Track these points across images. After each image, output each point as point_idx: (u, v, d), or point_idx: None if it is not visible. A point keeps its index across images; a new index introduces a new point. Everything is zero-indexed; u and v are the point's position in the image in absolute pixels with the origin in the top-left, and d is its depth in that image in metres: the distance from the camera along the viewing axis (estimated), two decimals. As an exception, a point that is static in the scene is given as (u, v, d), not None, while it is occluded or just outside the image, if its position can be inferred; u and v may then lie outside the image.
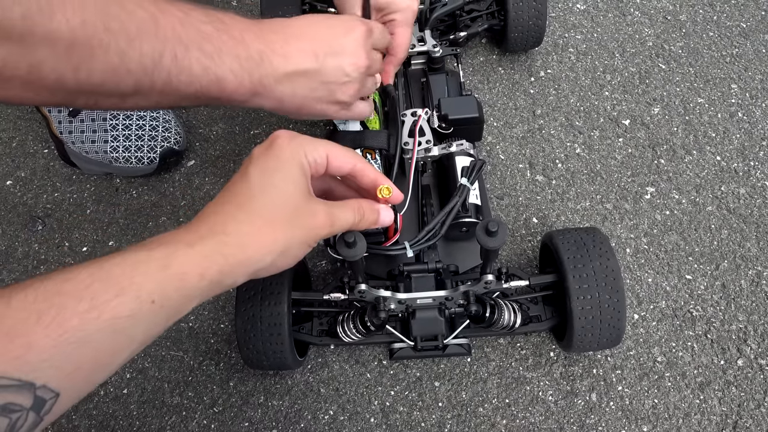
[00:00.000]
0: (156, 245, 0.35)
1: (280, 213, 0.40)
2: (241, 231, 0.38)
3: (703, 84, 0.79)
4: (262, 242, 0.39)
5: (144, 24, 0.40)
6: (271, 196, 0.40)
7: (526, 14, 0.73)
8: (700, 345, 0.62)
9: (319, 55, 0.49)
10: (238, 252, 0.38)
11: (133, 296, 0.32)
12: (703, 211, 0.70)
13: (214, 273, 0.36)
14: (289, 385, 0.62)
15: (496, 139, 0.76)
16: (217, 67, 0.44)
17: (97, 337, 0.31)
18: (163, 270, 0.34)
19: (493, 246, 0.46)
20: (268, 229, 0.39)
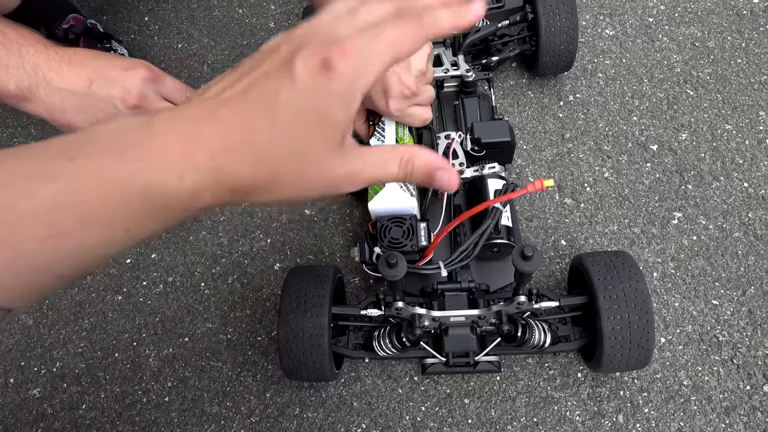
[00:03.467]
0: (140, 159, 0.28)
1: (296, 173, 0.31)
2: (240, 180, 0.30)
3: (731, 111, 0.80)
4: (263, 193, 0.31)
5: None
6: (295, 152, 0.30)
7: (557, 39, 0.75)
8: (726, 370, 0.64)
9: (92, 82, 0.55)
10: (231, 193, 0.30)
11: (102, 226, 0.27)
12: (729, 237, 0.71)
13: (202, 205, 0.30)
14: (324, 398, 0.64)
15: (526, 162, 0.78)
16: None
17: (57, 262, 0.27)
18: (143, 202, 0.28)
19: (528, 270, 0.48)
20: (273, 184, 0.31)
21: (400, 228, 0.62)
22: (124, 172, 0.27)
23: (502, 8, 0.84)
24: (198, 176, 0.28)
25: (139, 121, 0.29)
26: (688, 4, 0.91)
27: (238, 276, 0.73)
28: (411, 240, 0.61)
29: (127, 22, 0.96)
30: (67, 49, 0.56)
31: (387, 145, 0.39)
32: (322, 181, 0.32)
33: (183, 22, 0.96)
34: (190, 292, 0.72)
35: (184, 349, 0.68)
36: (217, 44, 0.93)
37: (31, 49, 0.54)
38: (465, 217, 0.58)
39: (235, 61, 0.91)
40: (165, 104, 0.59)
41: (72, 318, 0.72)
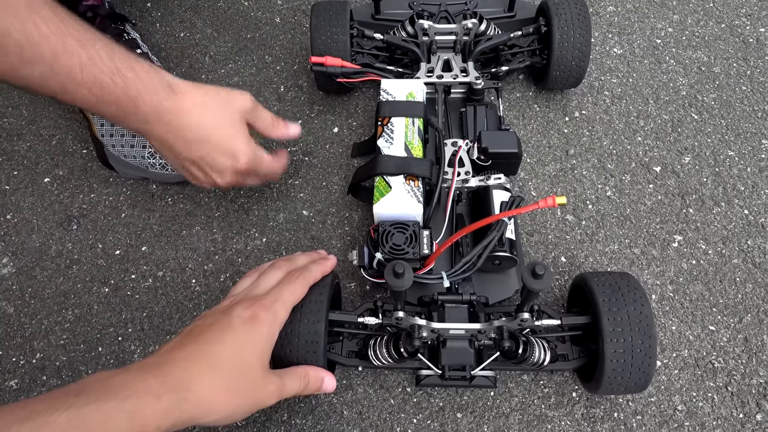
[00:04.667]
0: (128, 395, 0.40)
1: (241, 385, 0.47)
2: (203, 394, 0.44)
3: (734, 137, 0.81)
4: (217, 406, 0.45)
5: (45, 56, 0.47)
6: (240, 370, 0.47)
7: (570, 54, 0.75)
8: (720, 397, 0.63)
9: (194, 152, 0.60)
10: (193, 410, 0.43)
11: None
12: (728, 263, 0.71)
13: (168, 424, 0.42)
14: (313, 405, 0.63)
15: (529, 176, 0.77)
16: (102, 107, 0.53)
17: None
18: (129, 422, 0.39)
19: (538, 288, 0.47)
20: (225, 397, 0.46)
21: (403, 234, 0.61)
22: (116, 401, 0.39)
23: (513, 18, 0.83)
24: (170, 396, 0.42)
25: (121, 371, 0.43)
26: (696, 29, 0.91)
27: (230, 274, 0.71)
28: (413, 247, 0.60)
29: (129, 7, 0.94)
30: (181, 107, 0.57)
31: (294, 368, 0.54)
32: (258, 393, 0.49)
33: (186, 11, 0.94)
34: (180, 288, 0.70)
35: (172, 346, 0.66)
36: (221, 35, 0.91)
37: (147, 97, 0.54)
38: (472, 229, 0.57)
39: (238, 54, 0.89)
40: (254, 181, 0.68)
41: (55, 308, 0.69)
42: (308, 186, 0.77)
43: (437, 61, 0.78)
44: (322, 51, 0.75)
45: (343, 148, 0.80)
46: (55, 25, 0.47)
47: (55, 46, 0.47)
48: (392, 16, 0.83)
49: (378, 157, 0.64)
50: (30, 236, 0.74)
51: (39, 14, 0.46)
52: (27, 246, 0.73)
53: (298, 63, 0.88)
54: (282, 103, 0.84)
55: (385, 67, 0.79)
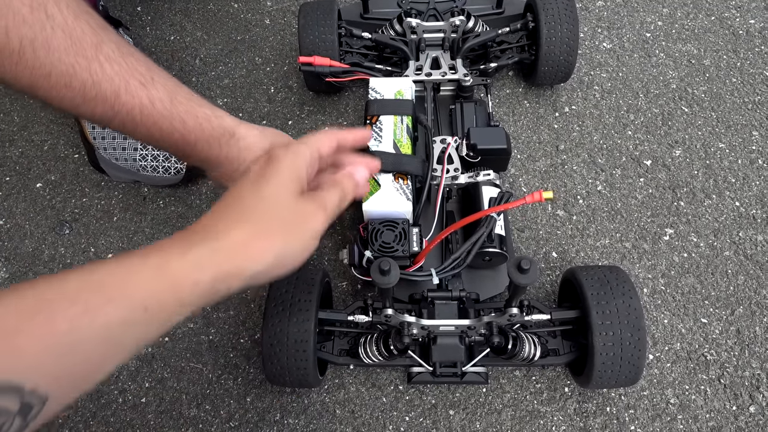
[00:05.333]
0: (150, 252, 0.35)
1: (274, 221, 0.41)
2: (232, 239, 0.38)
3: (725, 129, 0.80)
4: (255, 250, 0.39)
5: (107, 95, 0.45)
6: (265, 205, 0.41)
7: (558, 49, 0.75)
8: (713, 389, 0.63)
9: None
10: (230, 260, 0.38)
11: (125, 303, 0.32)
12: (720, 255, 0.71)
13: (208, 280, 0.36)
14: (306, 404, 0.63)
15: (519, 172, 0.77)
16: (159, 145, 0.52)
17: (88, 343, 0.30)
18: (156, 278, 0.34)
19: (524, 283, 0.47)
20: (261, 237, 0.40)
21: (392, 232, 0.61)
22: (138, 255, 0.34)
23: (502, 14, 0.83)
24: (198, 249, 0.37)
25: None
26: (686, 22, 0.91)
27: (222, 275, 0.71)
28: (402, 245, 0.60)
29: (119, 11, 0.94)
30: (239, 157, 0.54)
31: (326, 181, 0.49)
32: (300, 224, 0.43)
33: (176, 14, 0.94)
34: (173, 290, 0.70)
35: (164, 348, 0.66)
36: (211, 38, 0.91)
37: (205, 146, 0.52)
38: (460, 225, 0.57)
39: (228, 57, 0.89)
40: None
41: (48, 312, 0.69)
42: (299, 186, 0.77)
43: (426, 59, 0.78)
44: (310, 51, 0.75)
45: (333, 147, 0.80)
46: (118, 65, 0.46)
47: (118, 87, 0.46)
48: (381, 15, 0.83)
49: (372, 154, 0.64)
50: (23, 241, 0.74)
51: (104, 53, 0.45)
52: (20, 251, 0.73)
53: (288, 64, 0.88)
54: (272, 104, 0.84)
55: (374, 66, 0.79)
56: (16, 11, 0.41)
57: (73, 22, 0.44)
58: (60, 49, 0.43)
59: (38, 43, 0.42)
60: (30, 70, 0.43)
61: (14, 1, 0.41)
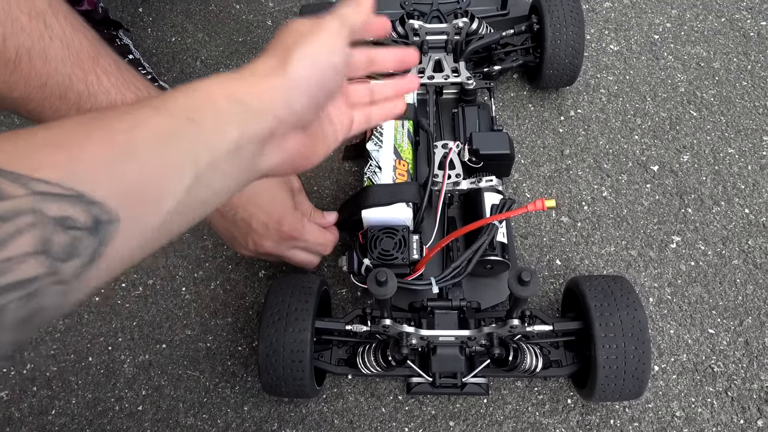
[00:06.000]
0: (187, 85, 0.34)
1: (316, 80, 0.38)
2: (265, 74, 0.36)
3: (734, 134, 0.79)
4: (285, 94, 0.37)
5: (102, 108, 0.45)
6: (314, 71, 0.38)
7: (563, 51, 0.73)
8: (720, 402, 0.62)
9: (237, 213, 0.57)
10: (258, 86, 0.36)
11: (168, 113, 0.32)
12: (728, 264, 0.69)
13: (242, 94, 0.35)
14: (303, 414, 0.62)
15: (523, 177, 0.76)
16: None
17: (144, 152, 0.30)
18: (193, 91, 0.34)
19: (524, 295, 0.46)
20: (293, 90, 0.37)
21: (392, 239, 0.60)
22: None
23: (506, 16, 0.82)
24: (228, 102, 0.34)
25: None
26: (695, 23, 0.89)
27: (221, 282, 0.70)
28: (402, 253, 0.59)
29: (121, 12, 0.93)
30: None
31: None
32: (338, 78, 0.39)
33: (178, 15, 0.93)
34: (171, 296, 0.69)
35: (161, 356, 0.66)
36: (212, 39, 0.90)
37: None
38: (460, 233, 0.56)
39: (230, 58, 0.88)
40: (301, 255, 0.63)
41: (45, 317, 0.69)
42: (299, 191, 0.76)
43: (428, 62, 0.77)
44: (310, 54, 0.74)
45: (333, 152, 0.79)
46: (115, 78, 0.46)
47: (115, 99, 0.46)
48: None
49: (366, 190, 0.62)
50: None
51: (101, 66, 0.45)
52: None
53: (290, 66, 0.87)
54: (273, 107, 0.83)
55: (376, 69, 0.77)
56: (15, 19, 0.40)
57: (71, 33, 0.44)
58: (57, 59, 0.43)
59: (35, 52, 0.42)
60: (25, 80, 0.42)
61: (13, 8, 0.40)
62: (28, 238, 0.24)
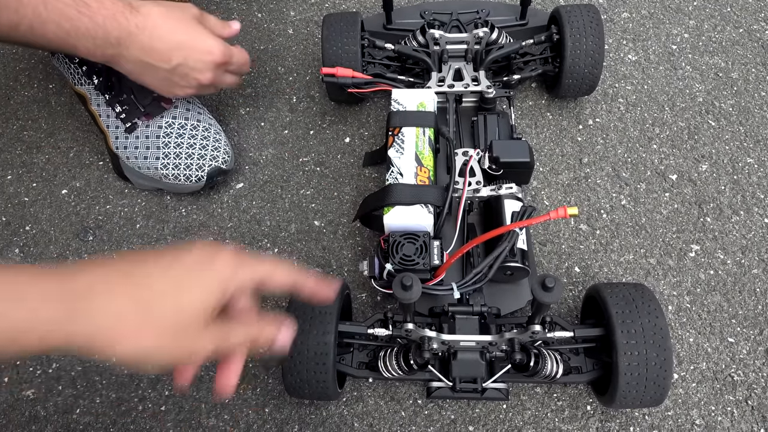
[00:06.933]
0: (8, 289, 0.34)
1: (169, 331, 0.37)
2: (107, 316, 0.35)
3: (753, 144, 0.79)
4: (124, 338, 0.36)
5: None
6: (173, 316, 0.37)
7: (582, 62, 0.74)
8: (740, 411, 0.62)
9: (174, 62, 0.63)
10: (90, 333, 0.35)
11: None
12: (748, 273, 0.69)
13: (56, 341, 0.34)
14: (324, 417, 0.62)
15: (542, 185, 0.77)
16: (73, 41, 0.58)
17: None
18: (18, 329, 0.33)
19: (547, 301, 0.47)
20: (138, 332, 0.36)
21: (413, 245, 0.60)
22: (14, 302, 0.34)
23: (525, 26, 0.83)
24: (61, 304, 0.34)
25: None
26: (713, 34, 0.90)
27: (243, 285, 0.71)
28: (423, 258, 0.60)
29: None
30: (147, 22, 0.61)
31: (249, 320, 0.44)
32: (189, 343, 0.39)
33: (201, 23, 0.95)
34: (193, 298, 0.70)
35: (184, 357, 0.67)
36: (234, 47, 0.92)
37: (115, 23, 0.59)
38: (482, 240, 0.57)
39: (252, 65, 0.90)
40: (231, 78, 0.71)
41: (71, 318, 0.70)
42: (320, 196, 0.77)
43: (448, 71, 0.78)
44: (333, 62, 0.75)
45: (354, 158, 0.80)
46: None
47: None
48: (403, 26, 0.83)
49: (390, 187, 0.63)
50: (47, 247, 0.75)
51: None
52: (44, 257, 0.74)
53: (311, 74, 0.88)
54: (294, 114, 0.84)
55: (396, 77, 0.79)
56: None
57: None
58: None
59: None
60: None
61: None
62: None
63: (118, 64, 0.64)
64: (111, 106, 0.74)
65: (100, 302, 0.35)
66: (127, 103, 0.73)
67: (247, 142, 0.82)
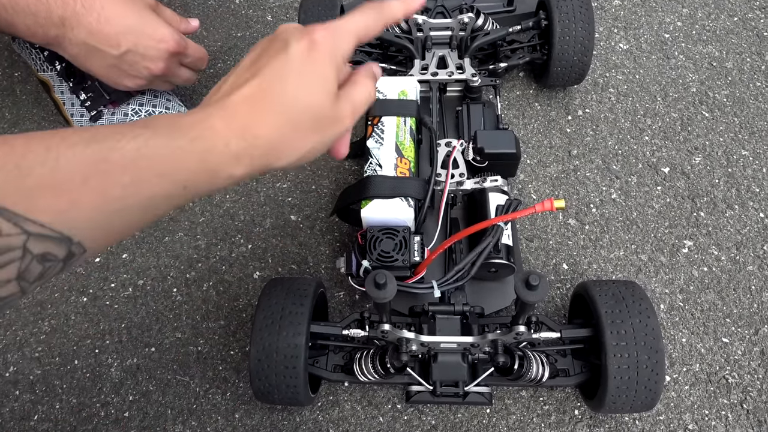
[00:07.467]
0: (195, 134, 0.36)
1: (310, 121, 0.40)
2: (272, 138, 0.39)
3: (748, 136, 0.76)
4: (288, 149, 0.40)
5: None
6: (305, 104, 0.40)
7: (571, 49, 0.70)
8: (735, 415, 0.59)
9: (123, 47, 0.60)
10: (264, 156, 0.39)
11: (170, 180, 0.34)
12: (743, 270, 0.66)
13: (241, 173, 0.38)
14: (297, 423, 0.59)
15: (529, 178, 0.73)
16: (10, 17, 0.55)
17: (132, 209, 0.33)
18: (200, 164, 0.36)
19: (532, 300, 0.43)
20: (296, 138, 0.40)
21: (392, 240, 0.57)
22: (186, 140, 0.35)
23: (512, 12, 0.79)
24: (238, 142, 0.37)
25: (185, 113, 0.37)
26: (707, 22, 0.87)
27: (213, 283, 0.67)
28: (403, 254, 0.56)
29: (116, 5, 0.91)
30: (95, 3, 0.57)
31: (354, 76, 0.44)
32: (333, 125, 0.41)
33: (176, 8, 0.90)
34: (161, 297, 0.67)
35: (150, 359, 0.63)
36: (210, 34, 0.88)
37: (59, 0, 0.56)
38: (464, 235, 0.53)
39: (228, 54, 0.86)
40: (187, 73, 0.68)
41: (31, 319, 0.66)
42: (296, 190, 0.73)
43: (432, 58, 0.74)
44: (310, 48, 0.72)
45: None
46: None
47: None
48: (386, 12, 0.80)
49: (369, 179, 0.60)
50: (8, 243, 0.71)
51: None
52: (4, 253, 0.70)
53: (289, 62, 0.84)
54: (271, 104, 0.80)
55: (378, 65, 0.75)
56: None
57: None
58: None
59: None
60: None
61: None
62: (11, 269, 0.29)
63: (62, 47, 0.60)
64: (75, 94, 0.70)
65: (263, 129, 0.38)
66: (91, 90, 0.69)
67: (221, 133, 0.78)
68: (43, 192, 0.29)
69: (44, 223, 0.29)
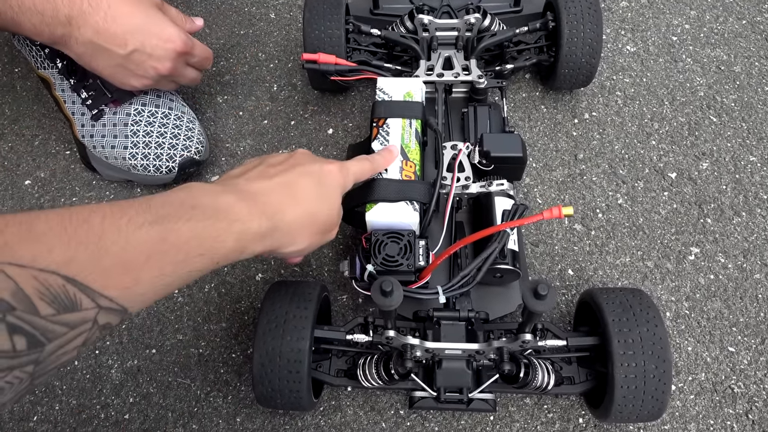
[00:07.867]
0: (234, 216, 0.42)
1: (322, 223, 0.50)
2: (291, 225, 0.47)
3: (756, 141, 0.75)
4: (299, 238, 0.48)
5: None
6: (325, 207, 0.50)
7: (579, 51, 0.70)
8: (741, 426, 0.58)
9: (130, 47, 0.59)
10: (280, 239, 0.46)
11: (209, 259, 0.40)
12: (750, 278, 0.66)
13: (261, 249, 0.45)
14: (299, 427, 0.58)
15: (534, 182, 0.73)
16: (17, 16, 0.54)
17: (174, 283, 0.38)
18: (235, 243, 0.42)
19: (540, 310, 0.43)
20: (310, 230, 0.49)
21: (397, 244, 0.56)
22: (226, 222, 0.41)
23: (520, 13, 0.79)
24: (266, 223, 0.44)
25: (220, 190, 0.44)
26: (715, 25, 0.86)
27: (215, 285, 0.67)
28: (408, 259, 0.56)
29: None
30: (102, 2, 0.57)
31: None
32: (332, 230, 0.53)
33: (178, 5, 0.89)
34: (162, 299, 0.66)
35: (151, 361, 0.62)
36: (213, 32, 0.87)
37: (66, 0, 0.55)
38: (470, 240, 0.53)
39: (230, 51, 0.85)
40: (192, 73, 0.68)
41: (30, 318, 0.65)
42: (300, 191, 0.73)
43: (438, 59, 0.73)
44: (315, 47, 0.71)
45: (338, 150, 0.76)
46: None
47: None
48: (391, 11, 0.79)
49: (374, 182, 0.59)
50: (7, 241, 0.70)
51: None
52: (4, 252, 0.69)
53: (293, 61, 0.83)
54: (275, 103, 0.80)
55: (383, 65, 0.74)
56: None
57: None
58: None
59: None
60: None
61: None
62: (80, 339, 0.32)
63: (68, 46, 0.59)
64: (76, 92, 0.69)
65: (289, 217, 0.46)
66: (93, 89, 0.69)
67: (224, 132, 0.78)
68: (116, 270, 0.33)
69: (113, 298, 0.33)
